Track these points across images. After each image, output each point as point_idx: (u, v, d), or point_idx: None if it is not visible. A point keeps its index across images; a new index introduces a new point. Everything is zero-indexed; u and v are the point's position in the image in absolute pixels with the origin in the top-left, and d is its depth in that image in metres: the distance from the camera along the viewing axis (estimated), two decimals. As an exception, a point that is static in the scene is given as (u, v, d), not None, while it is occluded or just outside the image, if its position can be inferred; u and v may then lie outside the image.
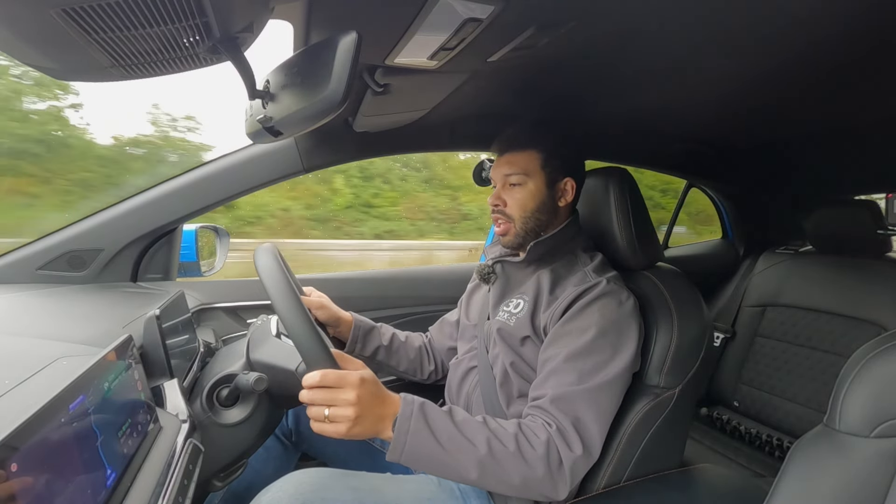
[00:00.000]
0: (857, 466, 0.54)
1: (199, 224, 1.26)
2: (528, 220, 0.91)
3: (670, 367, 0.86)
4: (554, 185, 0.92)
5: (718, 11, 0.63)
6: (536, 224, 0.92)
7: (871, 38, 0.70)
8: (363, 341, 1.05)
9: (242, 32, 0.58)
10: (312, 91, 0.59)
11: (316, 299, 1.02)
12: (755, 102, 1.05)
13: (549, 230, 0.93)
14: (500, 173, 0.93)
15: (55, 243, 1.06)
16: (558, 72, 0.88)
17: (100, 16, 0.46)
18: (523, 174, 0.91)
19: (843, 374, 0.60)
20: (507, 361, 0.87)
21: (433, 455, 0.68)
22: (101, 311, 0.89)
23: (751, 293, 1.70)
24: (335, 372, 0.65)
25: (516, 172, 0.91)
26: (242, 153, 1.13)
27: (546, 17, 0.63)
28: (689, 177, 1.85)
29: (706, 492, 0.87)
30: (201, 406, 0.75)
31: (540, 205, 0.91)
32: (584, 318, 0.80)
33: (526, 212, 0.91)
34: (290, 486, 0.72)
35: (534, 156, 0.91)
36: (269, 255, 0.72)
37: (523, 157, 0.91)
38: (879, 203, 1.57)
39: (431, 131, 1.22)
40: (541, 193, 0.91)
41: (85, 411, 0.46)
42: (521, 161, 0.91)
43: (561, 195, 0.93)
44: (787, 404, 1.49)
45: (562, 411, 0.74)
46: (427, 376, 1.13)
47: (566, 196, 0.93)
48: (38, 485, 0.37)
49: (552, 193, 0.92)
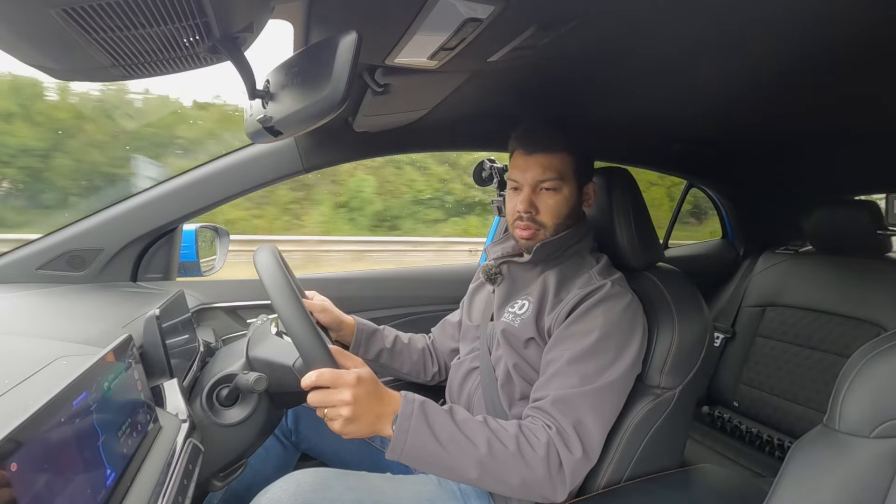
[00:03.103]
0: (857, 467, 0.54)
1: (199, 224, 1.26)
2: (559, 227, 0.88)
3: (671, 367, 0.86)
4: (581, 190, 0.91)
5: (719, 12, 0.63)
6: (565, 229, 0.89)
7: (872, 39, 0.70)
8: (366, 345, 1.05)
9: (242, 32, 0.58)
10: (312, 91, 0.59)
11: (318, 303, 1.01)
12: (755, 102, 1.04)
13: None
14: (531, 176, 0.86)
15: (55, 243, 1.06)
16: (559, 72, 0.88)
17: (100, 16, 0.46)
18: (559, 179, 0.86)
19: (842, 375, 0.60)
20: (511, 363, 0.86)
21: (433, 454, 0.68)
22: (101, 311, 0.89)
23: (751, 293, 1.70)
24: (331, 371, 0.65)
25: (552, 178, 0.86)
26: (242, 153, 1.13)
27: (546, 16, 0.62)
28: (689, 177, 1.86)
29: (706, 492, 0.87)
30: (201, 406, 0.75)
31: (571, 211, 0.89)
32: (589, 320, 0.80)
33: (559, 219, 0.87)
34: (290, 485, 0.72)
35: (567, 159, 0.87)
36: (268, 254, 0.72)
37: (559, 161, 0.86)
38: (879, 203, 1.57)
39: (431, 131, 1.22)
40: (574, 199, 0.89)
41: (87, 408, 0.46)
42: (557, 164, 0.86)
43: (586, 200, 0.92)
44: (787, 404, 1.49)
45: (563, 413, 0.74)
46: (430, 378, 1.13)
47: (589, 200, 0.92)
48: (37, 484, 0.37)
49: (580, 199, 0.91)
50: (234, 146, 1.13)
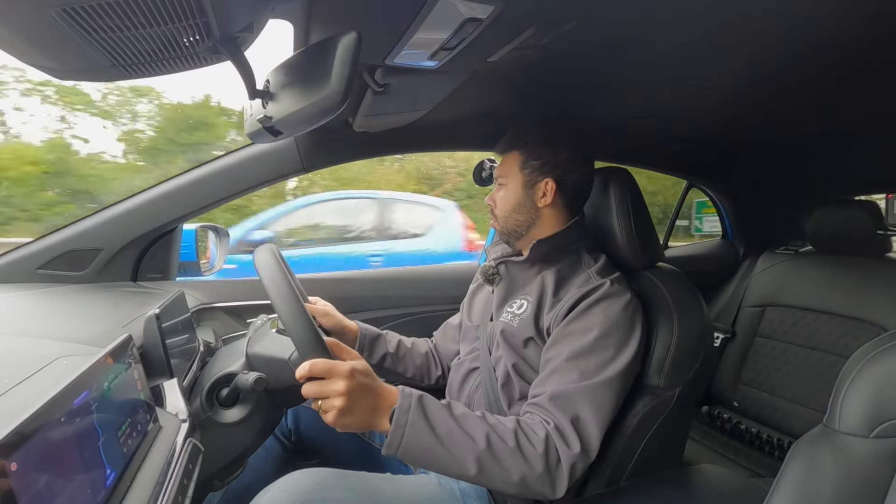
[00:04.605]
0: (857, 467, 0.54)
1: (199, 224, 1.26)
2: (506, 220, 0.94)
3: (670, 367, 0.86)
4: (533, 186, 0.92)
5: (719, 12, 0.63)
6: (515, 224, 0.94)
7: (872, 39, 0.70)
8: (369, 349, 1.05)
9: (242, 32, 0.58)
10: (312, 91, 0.59)
11: (321, 307, 1.02)
12: (755, 102, 1.05)
13: (537, 231, 0.92)
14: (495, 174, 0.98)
15: (55, 243, 1.06)
16: (558, 71, 0.88)
17: (100, 16, 0.46)
18: (505, 175, 0.94)
19: (842, 375, 0.60)
20: (510, 363, 0.86)
21: (431, 449, 0.67)
22: (101, 311, 0.89)
23: (751, 293, 1.70)
24: (325, 361, 0.65)
25: (501, 174, 0.95)
26: (242, 153, 1.13)
27: (546, 16, 0.63)
28: (689, 177, 1.85)
29: (706, 492, 0.87)
30: (201, 406, 0.75)
31: (516, 205, 0.93)
32: (588, 318, 0.80)
33: (504, 212, 0.94)
34: (289, 486, 0.72)
35: (515, 156, 0.93)
36: (268, 253, 0.73)
37: (507, 159, 0.95)
38: (879, 203, 1.57)
39: (431, 131, 1.22)
40: (517, 195, 0.93)
41: (88, 407, 0.46)
42: (506, 162, 0.95)
43: (541, 196, 0.92)
44: (787, 404, 1.49)
45: (560, 409, 0.74)
46: (434, 381, 1.12)
47: (546, 197, 0.92)
48: (37, 483, 0.37)
49: (531, 194, 0.92)
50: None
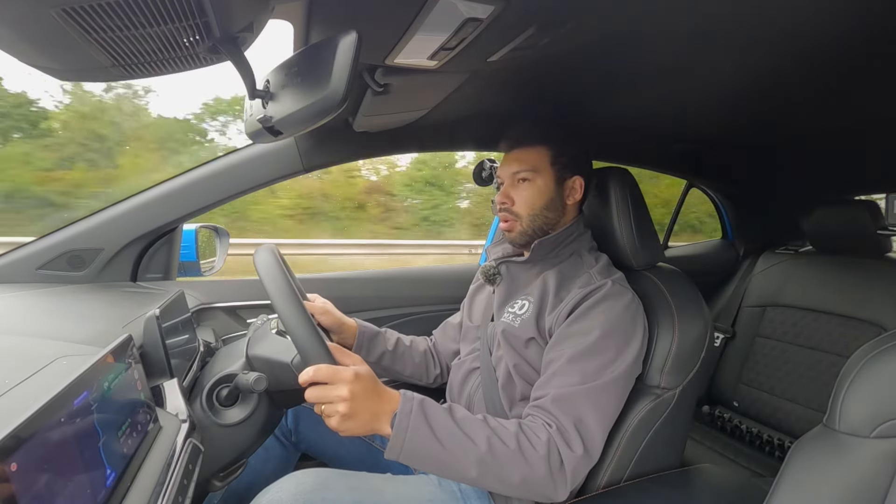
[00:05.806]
0: (857, 467, 0.54)
1: (199, 224, 1.26)
2: (535, 217, 0.90)
3: (671, 367, 0.85)
4: (563, 183, 0.91)
5: (719, 12, 0.63)
6: (544, 222, 0.91)
7: (872, 39, 0.70)
8: (368, 347, 1.05)
9: (242, 32, 0.58)
10: (312, 91, 0.59)
11: (319, 305, 1.01)
12: (755, 102, 1.05)
13: (556, 229, 0.92)
14: (509, 171, 0.92)
15: (55, 243, 1.06)
16: (558, 72, 0.88)
17: (100, 16, 0.46)
18: (532, 170, 0.90)
19: (842, 375, 0.60)
20: (511, 363, 0.86)
21: (432, 453, 0.68)
22: (101, 311, 0.89)
23: (751, 293, 1.70)
24: (329, 367, 0.65)
25: (525, 169, 0.90)
26: (242, 153, 1.13)
27: (546, 16, 0.62)
28: (689, 177, 1.85)
29: (706, 492, 0.87)
30: (201, 406, 0.75)
31: (548, 202, 0.90)
32: (589, 319, 0.80)
33: (534, 209, 0.90)
34: (290, 485, 0.72)
35: (543, 152, 0.90)
36: (268, 254, 0.72)
37: (533, 154, 0.90)
38: (879, 203, 1.57)
39: (431, 131, 1.22)
40: (549, 190, 0.90)
41: (88, 407, 0.46)
42: (531, 157, 0.90)
43: (569, 193, 0.92)
44: (787, 404, 1.49)
45: (563, 411, 0.74)
46: (433, 380, 1.12)
47: (574, 194, 0.92)
48: (37, 483, 0.37)
49: (561, 191, 0.91)
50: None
